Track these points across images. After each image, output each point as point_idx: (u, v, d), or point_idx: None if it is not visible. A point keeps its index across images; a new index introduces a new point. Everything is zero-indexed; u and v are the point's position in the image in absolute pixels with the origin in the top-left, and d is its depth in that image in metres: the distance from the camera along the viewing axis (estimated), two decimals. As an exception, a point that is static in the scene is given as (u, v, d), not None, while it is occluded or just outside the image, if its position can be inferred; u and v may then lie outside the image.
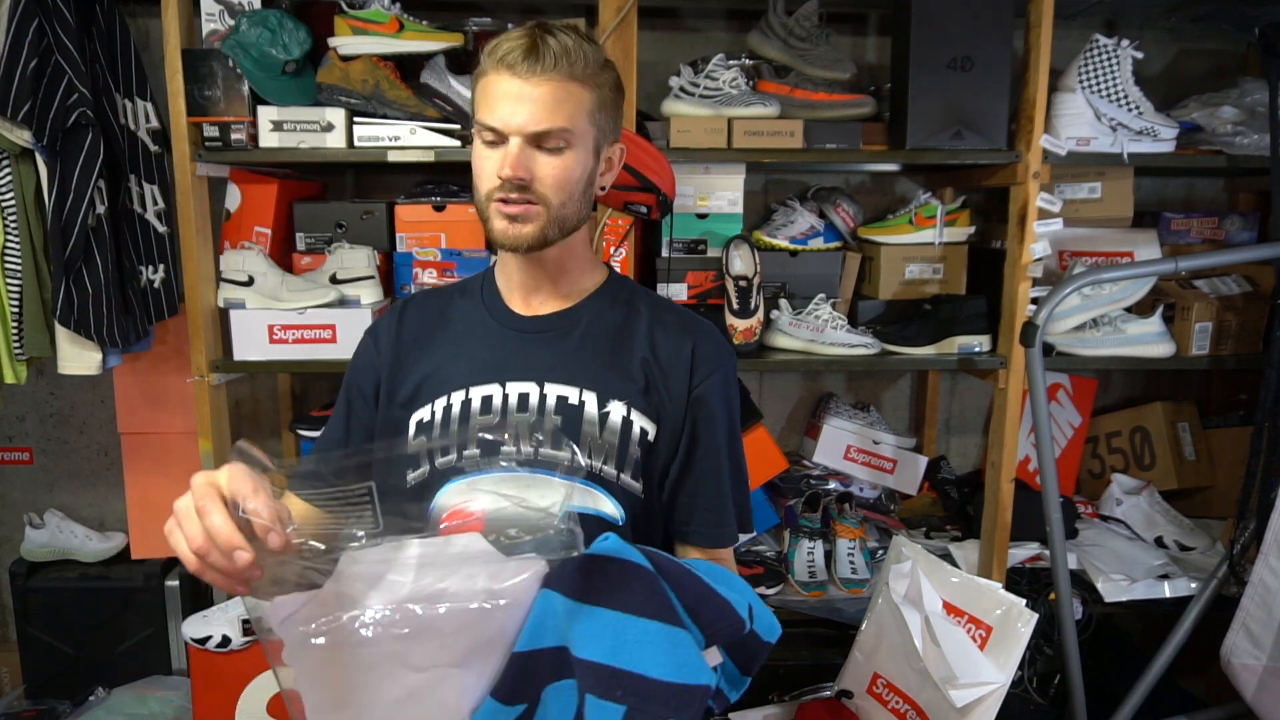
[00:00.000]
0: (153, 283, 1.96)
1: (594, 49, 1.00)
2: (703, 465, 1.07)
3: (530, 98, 0.96)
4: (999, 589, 1.71)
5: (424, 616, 0.77)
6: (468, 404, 1.05)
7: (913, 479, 2.27)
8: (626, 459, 1.04)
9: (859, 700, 1.86)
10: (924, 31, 1.84)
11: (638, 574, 0.81)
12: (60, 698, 2.15)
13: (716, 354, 1.08)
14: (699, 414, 1.06)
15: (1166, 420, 2.33)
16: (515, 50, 0.96)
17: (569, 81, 0.97)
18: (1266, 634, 1.84)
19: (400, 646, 0.78)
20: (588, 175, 1.03)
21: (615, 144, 1.08)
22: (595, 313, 1.10)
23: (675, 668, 0.78)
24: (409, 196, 2.09)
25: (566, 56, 0.96)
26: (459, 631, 0.79)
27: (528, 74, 0.95)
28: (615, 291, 1.14)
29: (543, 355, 1.07)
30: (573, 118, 0.98)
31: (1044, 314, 1.86)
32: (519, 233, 1.01)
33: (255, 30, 1.76)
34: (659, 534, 1.10)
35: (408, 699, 0.80)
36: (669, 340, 1.08)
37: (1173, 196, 2.43)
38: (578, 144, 1.00)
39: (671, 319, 1.11)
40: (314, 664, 0.80)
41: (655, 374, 1.06)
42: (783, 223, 2.14)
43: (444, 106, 1.81)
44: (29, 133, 1.67)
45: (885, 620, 1.82)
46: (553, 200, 1.00)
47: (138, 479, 2.21)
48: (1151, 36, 2.28)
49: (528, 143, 0.98)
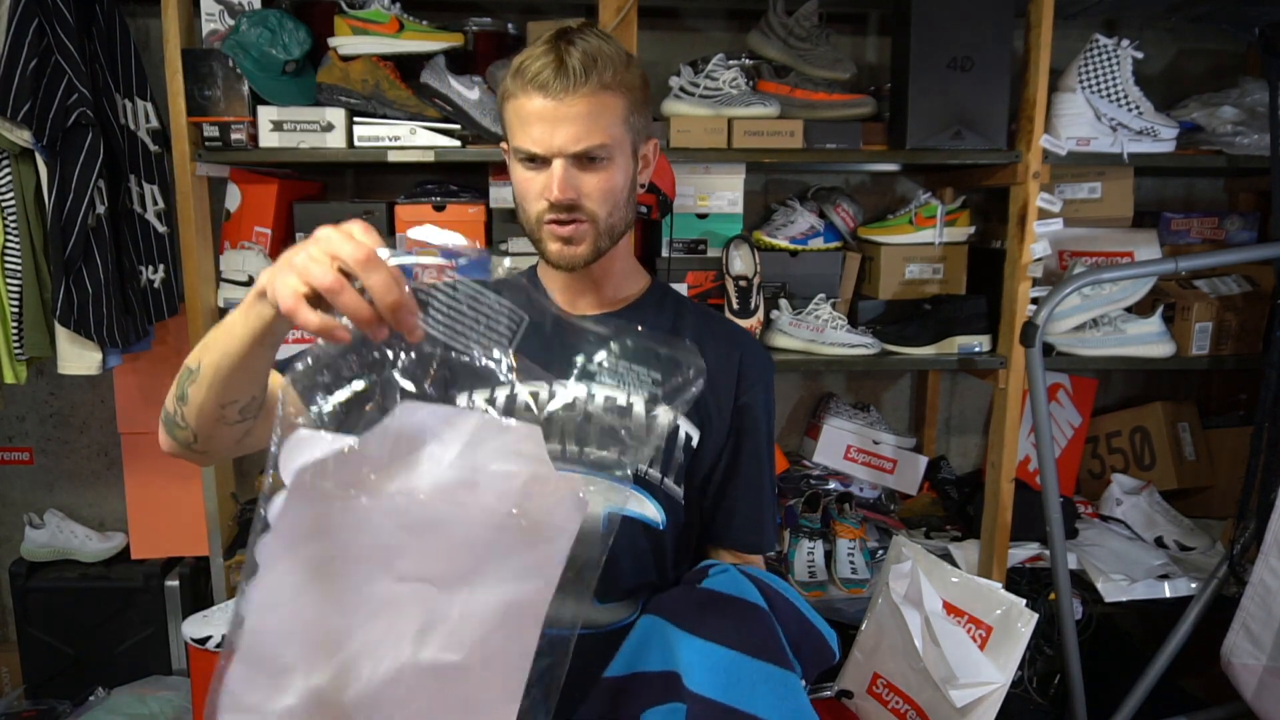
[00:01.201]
0: (153, 283, 1.96)
1: (615, 48, 0.98)
2: (745, 473, 1.09)
3: (567, 118, 0.94)
4: (999, 589, 1.71)
5: (433, 507, 0.66)
6: (512, 399, 1.04)
7: (913, 479, 2.27)
8: (671, 464, 1.04)
9: (859, 700, 1.86)
10: (924, 31, 1.84)
11: (755, 614, 0.81)
12: (60, 698, 2.15)
13: (761, 366, 1.11)
14: (743, 423, 1.08)
15: (1166, 420, 2.33)
16: (544, 70, 0.94)
17: (601, 93, 0.95)
18: (1266, 634, 1.84)
19: (395, 541, 0.66)
20: (630, 180, 1.03)
21: (650, 140, 1.07)
22: (642, 317, 1.10)
23: (788, 712, 0.77)
24: (409, 196, 2.09)
25: (594, 67, 0.94)
26: (464, 544, 0.66)
27: (560, 93, 0.94)
28: (660, 298, 1.15)
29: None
30: (609, 130, 0.97)
31: (1044, 314, 1.86)
32: (574, 254, 1.01)
33: (255, 30, 1.76)
34: (694, 538, 1.10)
35: (367, 618, 0.68)
36: (718, 349, 1.08)
37: (1173, 196, 2.43)
38: (617, 154, 0.99)
39: (719, 329, 1.13)
40: (294, 534, 0.67)
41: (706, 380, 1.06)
42: (783, 223, 2.14)
43: (444, 106, 1.81)
44: (29, 133, 1.67)
45: (885, 620, 1.82)
46: (600, 214, 1.00)
47: (138, 479, 2.21)
48: (1151, 36, 2.28)
49: (571, 162, 0.97)
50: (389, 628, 0.67)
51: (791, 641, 0.83)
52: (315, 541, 0.67)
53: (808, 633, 0.85)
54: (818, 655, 0.87)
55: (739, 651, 0.79)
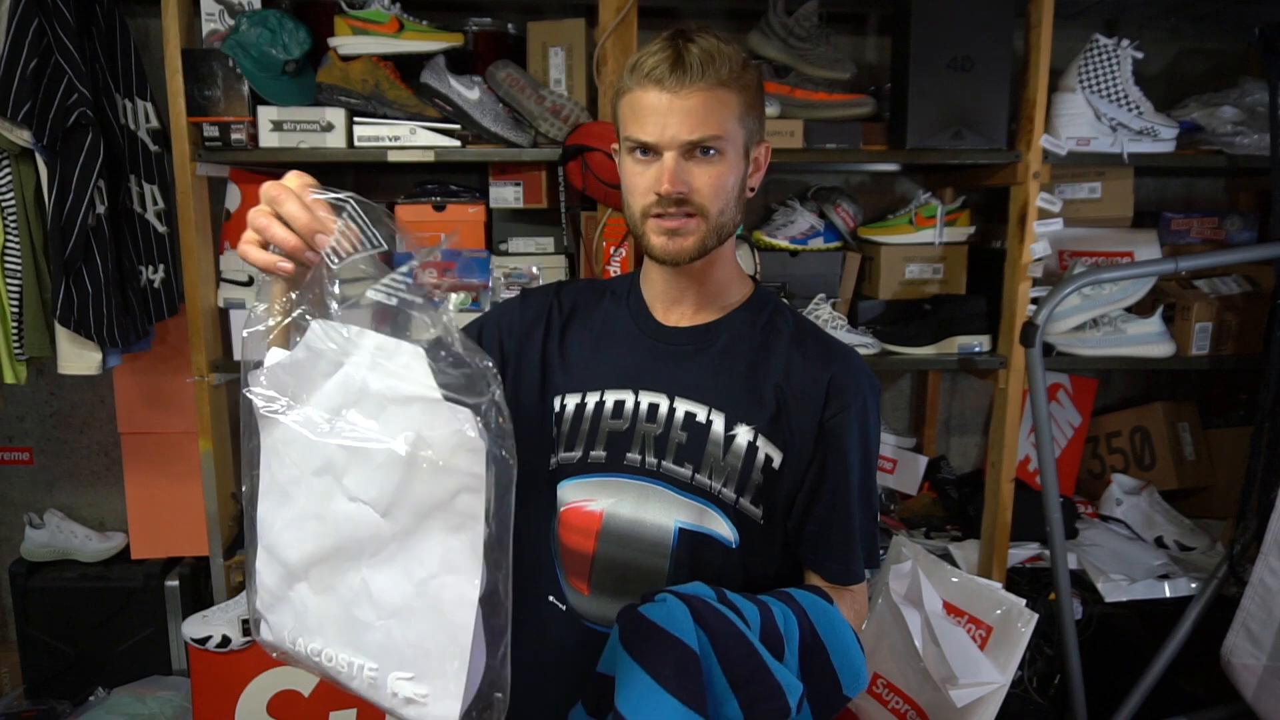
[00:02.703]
0: (153, 283, 1.96)
1: (734, 50, 0.98)
2: (830, 501, 1.04)
3: (681, 109, 0.94)
4: (999, 589, 1.71)
5: (357, 428, 0.72)
6: (601, 405, 1.06)
7: (913, 479, 2.27)
8: (748, 484, 1.02)
9: (859, 700, 1.86)
10: (924, 31, 1.84)
11: (679, 650, 0.82)
12: (60, 698, 2.15)
13: (854, 387, 1.03)
14: (829, 448, 1.03)
15: (1166, 420, 2.33)
16: (661, 64, 0.95)
17: (717, 88, 0.95)
18: (1266, 634, 1.84)
19: (339, 459, 0.73)
20: (740, 179, 1.02)
21: (762, 143, 1.05)
22: (736, 330, 1.08)
23: None
24: (409, 197, 2.09)
25: (712, 63, 0.95)
26: (385, 468, 0.71)
27: (676, 86, 0.94)
28: (758, 308, 1.10)
29: (678, 369, 1.06)
30: (723, 124, 0.96)
31: (1044, 314, 1.86)
32: (680, 247, 0.99)
33: (255, 30, 1.76)
34: (777, 559, 1.07)
35: (334, 528, 0.74)
36: (807, 369, 1.04)
37: (1173, 196, 2.43)
38: (729, 149, 0.98)
39: (813, 346, 1.07)
40: (274, 438, 0.76)
41: (788, 401, 1.03)
42: (783, 223, 2.14)
43: (444, 106, 1.81)
44: (29, 133, 1.67)
45: (885, 620, 1.82)
46: (711, 209, 0.99)
47: (138, 479, 2.21)
48: (1151, 36, 2.28)
49: (682, 154, 0.96)
50: (350, 543, 0.73)
51: (733, 681, 0.84)
52: (280, 455, 0.76)
53: (756, 679, 0.85)
54: (763, 703, 0.85)
55: (655, 681, 0.81)
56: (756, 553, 1.04)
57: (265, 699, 1.88)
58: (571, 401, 1.07)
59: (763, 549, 1.05)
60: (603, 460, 1.05)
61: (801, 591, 0.99)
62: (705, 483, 1.02)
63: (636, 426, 1.04)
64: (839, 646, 0.93)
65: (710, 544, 1.03)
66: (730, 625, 0.86)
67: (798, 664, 0.90)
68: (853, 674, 0.94)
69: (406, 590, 0.72)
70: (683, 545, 1.02)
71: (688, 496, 1.02)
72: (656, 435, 1.03)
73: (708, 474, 1.02)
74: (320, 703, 1.89)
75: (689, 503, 1.02)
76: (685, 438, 1.03)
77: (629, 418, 1.05)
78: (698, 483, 1.02)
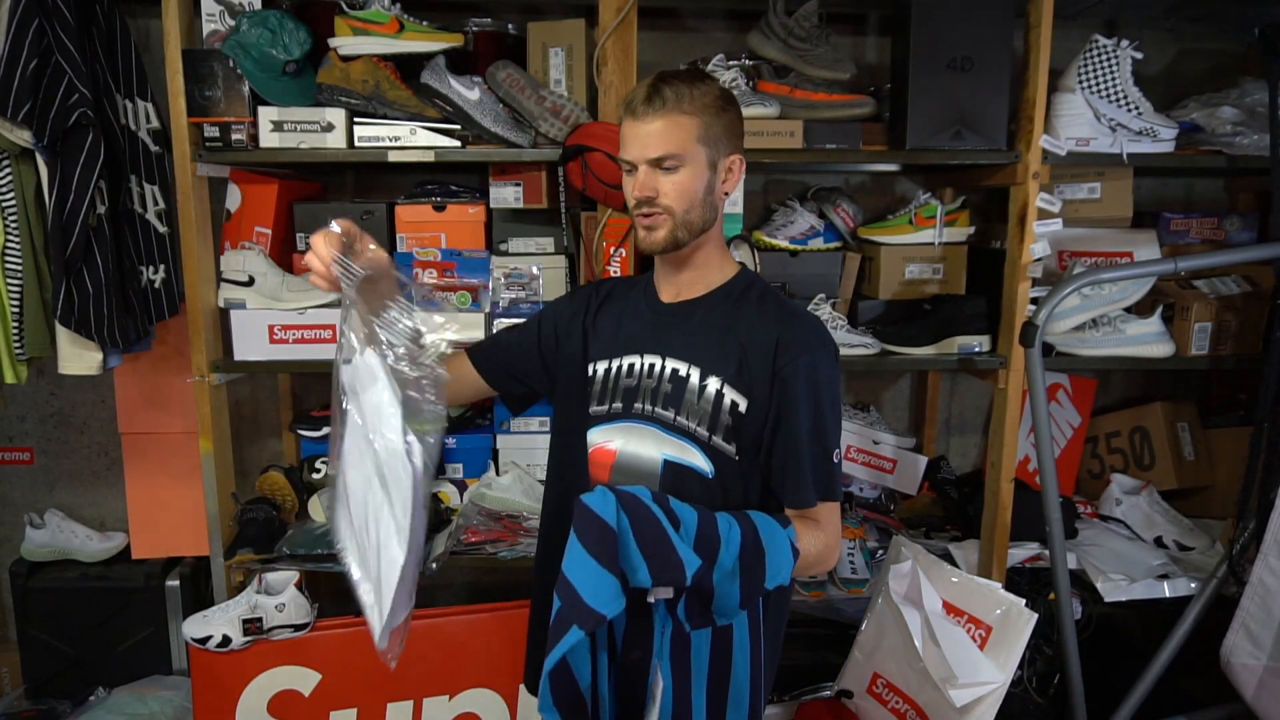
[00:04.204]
0: (153, 283, 1.96)
1: (705, 87, 1.25)
2: (783, 437, 1.25)
3: (646, 133, 1.24)
4: (999, 589, 1.71)
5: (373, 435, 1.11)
6: (619, 368, 1.35)
7: (913, 479, 2.27)
8: (718, 424, 1.26)
9: (859, 700, 1.86)
10: (924, 31, 1.84)
11: (601, 526, 1.08)
12: (60, 698, 2.15)
13: (801, 343, 1.26)
14: (782, 393, 1.24)
15: (1166, 420, 2.33)
16: (637, 99, 1.24)
17: (678, 115, 1.22)
18: (1266, 634, 1.84)
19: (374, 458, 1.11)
20: (705, 185, 1.27)
21: (733, 155, 1.30)
22: (714, 303, 1.33)
23: (592, 595, 1.07)
24: (409, 197, 2.09)
25: (676, 97, 1.22)
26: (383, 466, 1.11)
27: (644, 114, 1.23)
28: (736, 286, 1.34)
29: (669, 335, 1.32)
30: (682, 143, 1.23)
31: (1044, 314, 1.86)
32: (653, 238, 1.28)
33: (255, 31, 1.76)
34: (755, 489, 1.29)
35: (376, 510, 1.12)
36: (762, 326, 1.28)
37: (1172, 196, 2.43)
38: (690, 162, 1.25)
39: (771, 309, 1.30)
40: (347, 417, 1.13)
41: (748, 355, 1.26)
42: (783, 223, 2.14)
43: (444, 107, 1.81)
44: (29, 133, 1.67)
45: (885, 620, 1.82)
46: (676, 209, 1.26)
47: (138, 479, 2.21)
48: (1151, 36, 2.29)
49: (651, 167, 1.25)
50: (380, 522, 1.11)
51: (645, 553, 1.09)
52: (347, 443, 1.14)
53: (662, 554, 1.10)
54: (665, 574, 1.11)
55: (581, 544, 1.09)
56: (731, 483, 1.28)
57: (265, 699, 1.88)
58: (601, 367, 1.37)
59: (737, 480, 1.28)
60: (620, 410, 1.32)
61: (760, 513, 1.22)
62: (685, 424, 1.28)
63: (641, 382, 1.32)
64: (774, 553, 1.18)
65: (690, 474, 1.28)
66: (648, 513, 1.12)
67: (735, 558, 1.15)
68: (775, 573, 1.18)
69: (380, 540, 1.11)
70: (667, 474, 1.29)
71: (672, 435, 1.29)
72: (652, 388, 1.31)
73: (686, 416, 1.28)
74: (320, 703, 1.90)
75: (673, 440, 1.29)
76: (671, 388, 1.29)
77: (638, 376, 1.32)
78: (679, 424, 1.28)
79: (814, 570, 1.30)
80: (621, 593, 1.09)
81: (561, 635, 1.07)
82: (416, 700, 1.92)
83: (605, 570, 1.07)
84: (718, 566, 1.14)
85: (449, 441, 2.18)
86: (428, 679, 1.93)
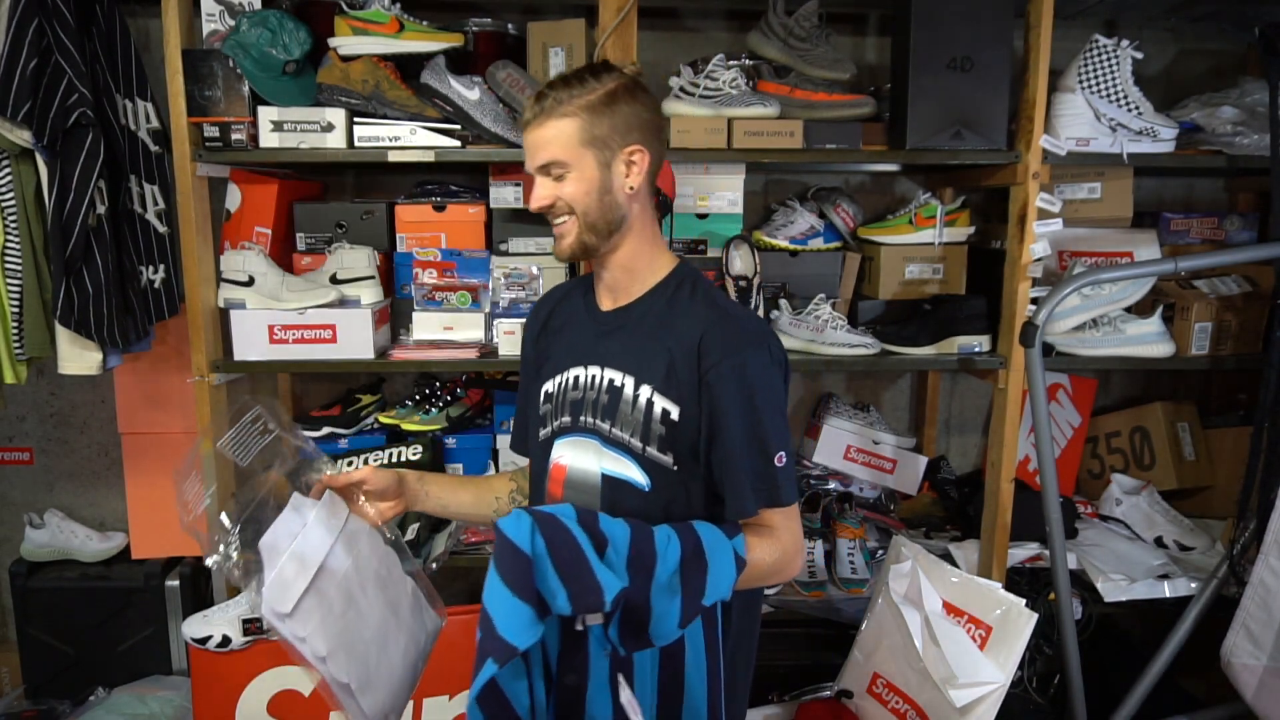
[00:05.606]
0: (153, 283, 1.96)
1: (590, 85, 1.19)
2: (718, 444, 1.18)
3: (532, 143, 1.21)
4: (999, 589, 1.71)
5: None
6: (566, 381, 1.30)
7: (913, 479, 2.27)
8: (651, 435, 1.20)
9: (859, 700, 1.86)
10: (924, 31, 1.84)
11: (515, 553, 1.03)
12: (60, 698, 2.15)
13: (726, 344, 1.18)
14: (711, 398, 1.17)
15: (1166, 420, 2.33)
16: (528, 108, 1.21)
17: (559, 119, 1.18)
18: (1266, 634, 1.84)
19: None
20: (599, 186, 1.20)
21: (627, 148, 1.21)
22: (647, 307, 1.26)
23: (504, 626, 1.02)
24: (409, 197, 2.09)
25: (555, 101, 1.18)
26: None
27: (528, 126, 1.21)
28: (671, 285, 1.27)
29: (606, 344, 1.27)
30: (563, 148, 1.18)
31: (1044, 314, 1.86)
32: (561, 246, 1.25)
33: (255, 31, 1.76)
34: (699, 499, 1.22)
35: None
36: (688, 329, 1.20)
37: (1173, 196, 2.43)
38: (575, 165, 1.19)
39: (699, 309, 1.23)
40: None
41: (675, 360, 1.20)
42: (783, 223, 2.14)
43: (444, 107, 1.81)
44: (29, 133, 1.67)
45: (885, 620, 1.82)
46: (577, 209, 1.21)
47: (138, 479, 2.21)
48: (1151, 36, 2.28)
49: (542, 175, 1.21)
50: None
51: (562, 577, 1.04)
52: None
53: (579, 578, 1.04)
54: (584, 597, 1.04)
55: (499, 575, 1.04)
56: (673, 494, 1.21)
57: (265, 699, 1.88)
58: (552, 384, 1.32)
59: (679, 490, 1.21)
60: (568, 424, 1.28)
61: (706, 524, 1.17)
62: (620, 436, 1.22)
63: (585, 394, 1.26)
64: (715, 566, 1.12)
65: (626, 488, 1.22)
66: (567, 535, 1.06)
67: (673, 574, 1.10)
68: (715, 587, 1.12)
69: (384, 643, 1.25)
70: (606, 489, 1.23)
71: (608, 448, 1.23)
72: (592, 399, 1.25)
73: (620, 428, 1.22)
74: (320, 703, 1.89)
75: (610, 453, 1.23)
76: (607, 400, 1.24)
77: (583, 388, 1.27)
78: (614, 435, 1.22)
79: (772, 580, 1.23)
80: (536, 621, 1.04)
81: (478, 668, 1.02)
82: (416, 700, 1.92)
83: (518, 599, 1.02)
84: (654, 583, 1.08)
85: (449, 441, 2.18)
86: (427, 679, 1.92)
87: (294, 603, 1.14)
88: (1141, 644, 2.16)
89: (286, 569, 1.16)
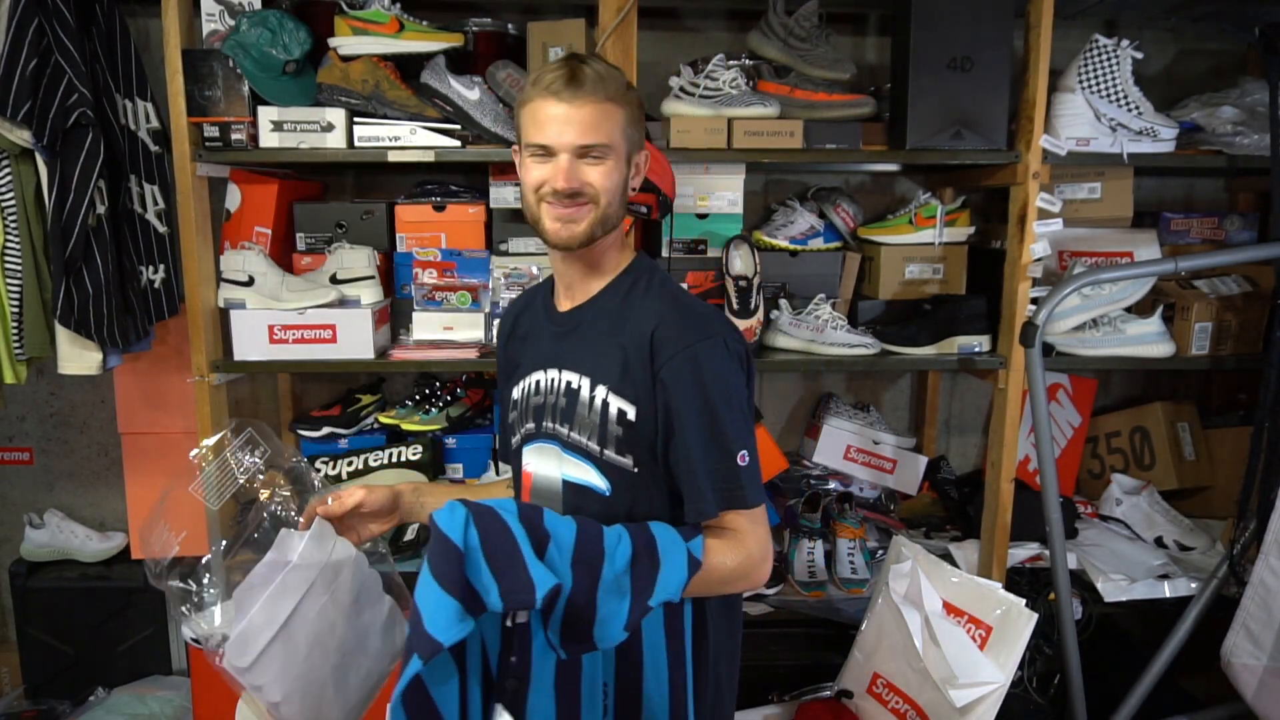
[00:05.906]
0: (153, 283, 1.96)
1: (620, 74, 1.17)
2: (675, 443, 1.13)
3: (575, 119, 1.12)
4: (999, 589, 1.71)
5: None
6: (529, 387, 1.28)
7: (913, 479, 2.27)
8: (608, 437, 1.16)
9: (859, 700, 1.86)
10: (924, 31, 1.84)
11: (447, 546, 0.99)
12: (60, 698, 2.15)
13: (677, 339, 1.14)
14: (665, 397, 1.13)
15: (1166, 420, 2.33)
16: (558, 79, 1.12)
17: (606, 102, 1.13)
18: (1266, 634, 1.84)
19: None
20: (624, 180, 1.19)
21: (641, 152, 1.22)
22: (602, 305, 1.23)
23: (430, 620, 0.97)
24: (409, 197, 2.09)
25: (601, 82, 1.13)
26: None
27: (571, 98, 1.12)
28: (626, 280, 1.23)
29: (563, 346, 1.24)
30: (610, 133, 1.14)
31: (1044, 314, 1.86)
32: (571, 232, 1.16)
33: (255, 30, 1.76)
34: (663, 501, 1.17)
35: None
36: (640, 324, 1.16)
37: (1173, 196, 2.43)
38: (614, 155, 1.16)
39: (651, 306, 1.19)
40: None
41: (629, 358, 1.16)
42: (783, 223, 2.14)
43: (444, 107, 1.81)
44: (29, 133, 1.67)
45: (885, 620, 1.82)
46: (601, 200, 1.16)
47: (138, 479, 2.21)
48: (1151, 36, 2.28)
49: (575, 156, 1.14)
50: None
51: (494, 571, 0.99)
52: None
53: (512, 573, 1.00)
54: (514, 594, 1.00)
55: (429, 569, 0.99)
56: (635, 497, 1.17)
57: (265, 699, 1.88)
58: (518, 390, 1.30)
59: (642, 493, 1.17)
60: (533, 430, 1.25)
61: (663, 525, 1.12)
62: (579, 439, 1.18)
63: (545, 399, 1.23)
64: (667, 567, 1.07)
65: (587, 493, 1.19)
66: (503, 528, 1.01)
67: (621, 574, 1.05)
68: (663, 588, 1.07)
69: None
70: (568, 494, 1.21)
71: (568, 452, 1.20)
72: (552, 404, 1.22)
73: (579, 431, 1.18)
74: (320, 703, 1.89)
75: (570, 458, 1.20)
76: (565, 403, 1.20)
77: (544, 393, 1.24)
78: (573, 440, 1.19)
79: (737, 586, 1.18)
80: (464, 617, 0.99)
81: (405, 665, 0.98)
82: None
83: (445, 593, 0.98)
84: (600, 583, 1.04)
85: (449, 441, 2.18)
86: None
87: (255, 656, 1.13)
88: (1141, 644, 2.16)
89: (255, 620, 1.13)
